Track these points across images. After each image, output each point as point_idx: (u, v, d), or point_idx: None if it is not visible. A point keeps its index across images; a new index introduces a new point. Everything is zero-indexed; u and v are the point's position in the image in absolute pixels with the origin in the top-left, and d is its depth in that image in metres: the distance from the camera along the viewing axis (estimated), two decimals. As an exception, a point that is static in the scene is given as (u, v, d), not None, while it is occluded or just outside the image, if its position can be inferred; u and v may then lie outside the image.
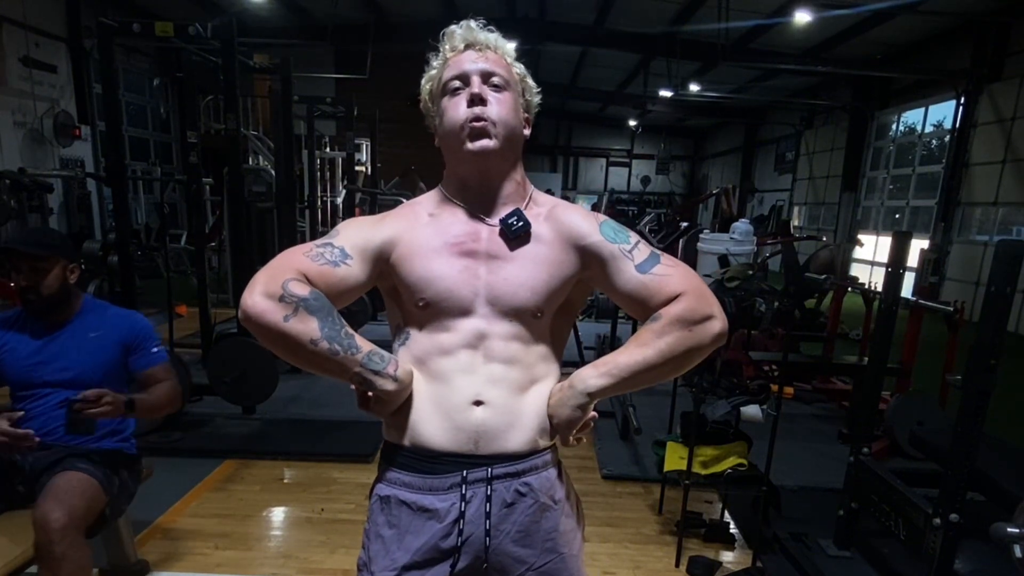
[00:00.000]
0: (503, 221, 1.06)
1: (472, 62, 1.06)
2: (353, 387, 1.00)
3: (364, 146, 8.31)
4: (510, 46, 1.11)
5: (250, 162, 6.84)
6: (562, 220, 1.10)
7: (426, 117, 1.14)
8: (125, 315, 1.99)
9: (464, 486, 1.02)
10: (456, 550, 1.03)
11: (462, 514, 1.02)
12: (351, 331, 0.97)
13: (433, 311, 1.04)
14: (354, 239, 1.05)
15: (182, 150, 11.69)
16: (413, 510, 1.04)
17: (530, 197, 1.12)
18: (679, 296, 1.03)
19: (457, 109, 1.04)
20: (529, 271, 1.05)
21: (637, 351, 1.00)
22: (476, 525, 1.03)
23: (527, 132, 1.13)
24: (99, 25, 3.27)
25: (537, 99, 1.15)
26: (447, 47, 1.08)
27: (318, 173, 6.82)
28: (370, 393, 0.99)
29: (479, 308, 1.04)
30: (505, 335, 1.05)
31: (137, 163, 11.20)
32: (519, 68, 1.11)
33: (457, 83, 1.05)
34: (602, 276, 1.09)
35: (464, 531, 1.03)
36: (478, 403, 1.02)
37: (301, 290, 0.94)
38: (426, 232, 1.07)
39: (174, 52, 4.86)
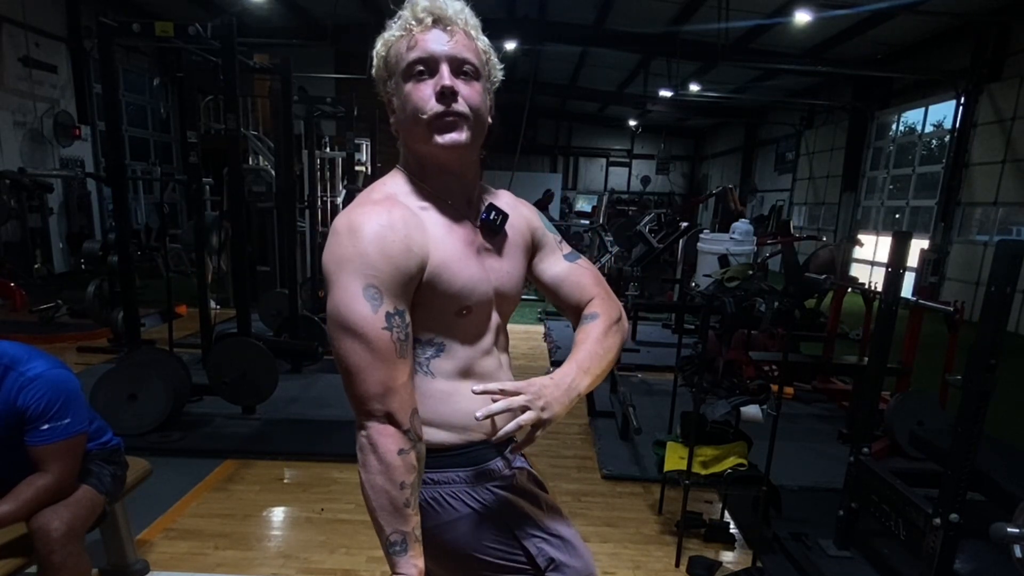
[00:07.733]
0: (484, 218, 1.08)
1: (440, 44, 0.96)
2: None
3: (364, 146, 8.29)
4: (476, 20, 1.01)
5: (250, 162, 6.83)
6: (518, 209, 1.17)
7: (377, 85, 1.04)
8: (24, 383, 1.61)
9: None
10: None
11: None
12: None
13: (473, 315, 1.04)
14: (392, 285, 0.92)
15: (182, 150, 11.70)
16: None
17: (480, 182, 1.13)
18: (599, 296, 1.16)
19: (424, 99, 0.96)
20: (515, 262, 1.12)
21: (599, 349, 1.09)
22: None
23: (492, 113, 1.05)
24: (99, 25, 3.27)
25: (500, 75, 1.06)
26: (411, 17, 0.97)
27: (318, 173, 6.82)
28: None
29: (495, 304, 1.09)
30: (503, 325, 1.14)
31: (137, 163, 11.21)
32: (484, 43, 1.02)
33: (423, 67, 0.96)
34: (533, 262, 1.19)
35: None
36: None
37: (420, 428, 0.95)
38: (438, 233, 1.00)
39: (174, 52, 4.86)
